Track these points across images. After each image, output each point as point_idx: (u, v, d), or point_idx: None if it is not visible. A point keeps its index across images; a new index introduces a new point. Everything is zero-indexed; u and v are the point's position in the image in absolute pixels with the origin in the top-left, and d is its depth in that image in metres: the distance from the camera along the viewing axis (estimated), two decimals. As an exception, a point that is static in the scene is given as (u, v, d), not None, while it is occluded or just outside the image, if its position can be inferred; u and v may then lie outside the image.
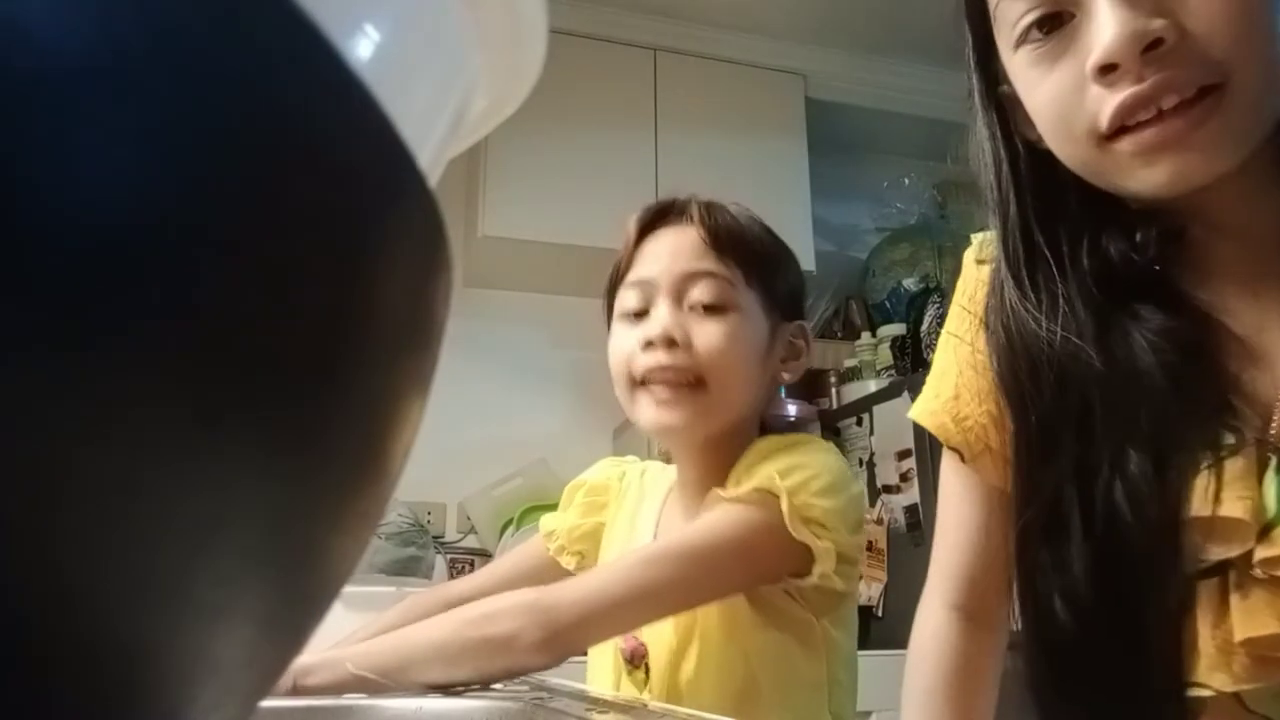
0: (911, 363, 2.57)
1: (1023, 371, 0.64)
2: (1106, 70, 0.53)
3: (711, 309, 0.87)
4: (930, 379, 0.77)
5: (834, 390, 2.72)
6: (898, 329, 2.70)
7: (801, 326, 0.95)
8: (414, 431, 0.18)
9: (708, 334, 0.86)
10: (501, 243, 2.48)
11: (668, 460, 1.03)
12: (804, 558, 0.80)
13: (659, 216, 0.94)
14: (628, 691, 0.88)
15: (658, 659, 0.87)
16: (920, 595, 0.80)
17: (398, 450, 0.17)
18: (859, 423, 2.50)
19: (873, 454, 2.40)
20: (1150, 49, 0.52)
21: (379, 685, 0.75)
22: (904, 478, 2.29)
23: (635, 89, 2.68)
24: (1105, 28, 0.53)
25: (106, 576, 0.12)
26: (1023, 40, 0.59)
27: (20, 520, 0.11)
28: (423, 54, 0.20)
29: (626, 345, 0.89)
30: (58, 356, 0.11)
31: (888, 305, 2.86)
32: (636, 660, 0.88)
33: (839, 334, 2.93)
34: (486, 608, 0.78)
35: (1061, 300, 0.62)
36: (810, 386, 2.77)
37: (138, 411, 0.12)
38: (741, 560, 0.81)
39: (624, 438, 2.57)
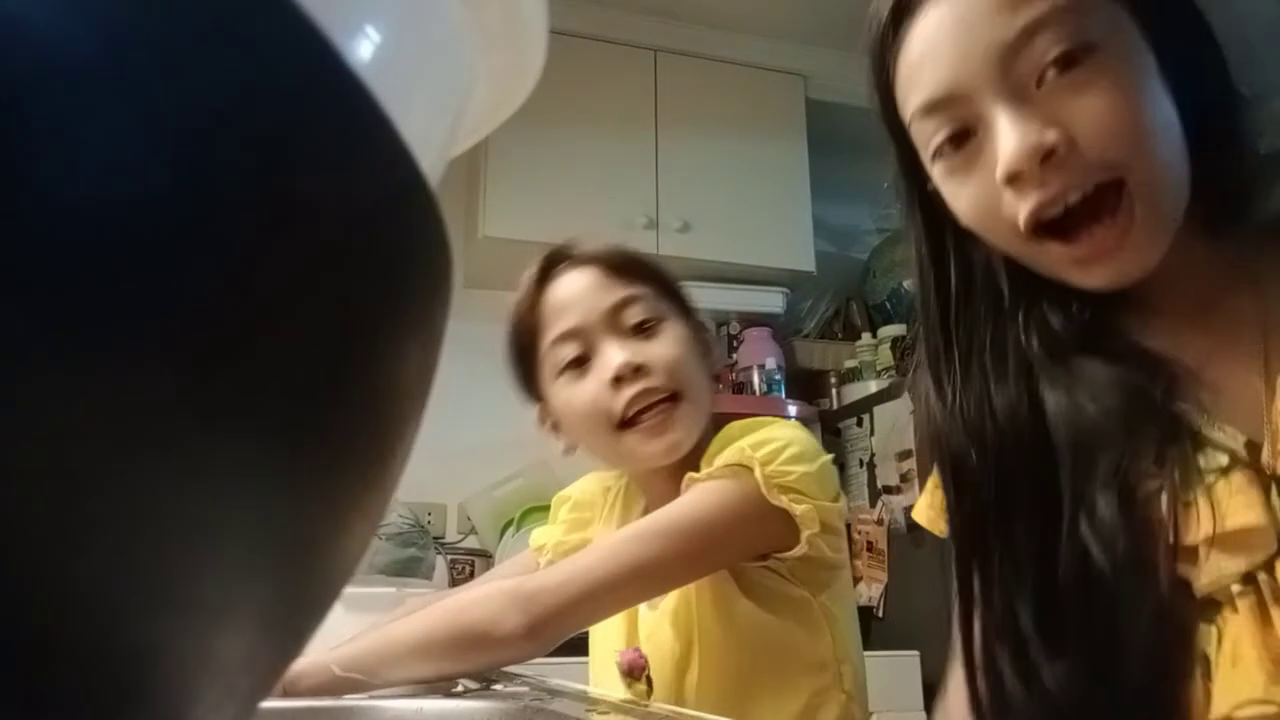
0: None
1: (953, 459, 0.68)
2: (1013, 179, 0.59)
3: (646, 326, 0.90)
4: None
5: (834, 391, 2.72)
6: (898, 330, 2.70)
7: (701, 323, 0.99)
8: (415, 431, 0.18)
9: (661, 349, 0.89)
10: (502, 243, 2.48)
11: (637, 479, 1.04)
12: (787, 527, 0.81)
13: (549, 268, 0.95)
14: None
15: (660, 671, 0.86)
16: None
17: (398, 450, 0.17)
18: (859, 423, 2.50)
19: (873, 455, 2.40)
20: (1046, 159, 0.58)
21: (367, 685, 0.75)
22: (904, 478, 2.29)
23: (636, 90, 2.68)
24: (1005, 144, 0.59)
25: (107, 577, 0.12)
26: (937, 155, 0.64)
27: (20, 521, 0.11)
28: (423, 55, 0.20)
29: (587, 393, 0.89)
30: (58, 356, 0.11)
31: (888, 306, 2.86)
32: (636, 673, 0.88)
33: (839, 335, 2.93)
34: (466, 597, 0.78)
35: (990, 381, 0.66)
36: (811, 387, 2.77)
37: (138, 411, 0.12)
38: (722, 533, 0.81)
39: (624, 438, 2.57)
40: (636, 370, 0.86)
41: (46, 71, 0.11)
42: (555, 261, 0.95)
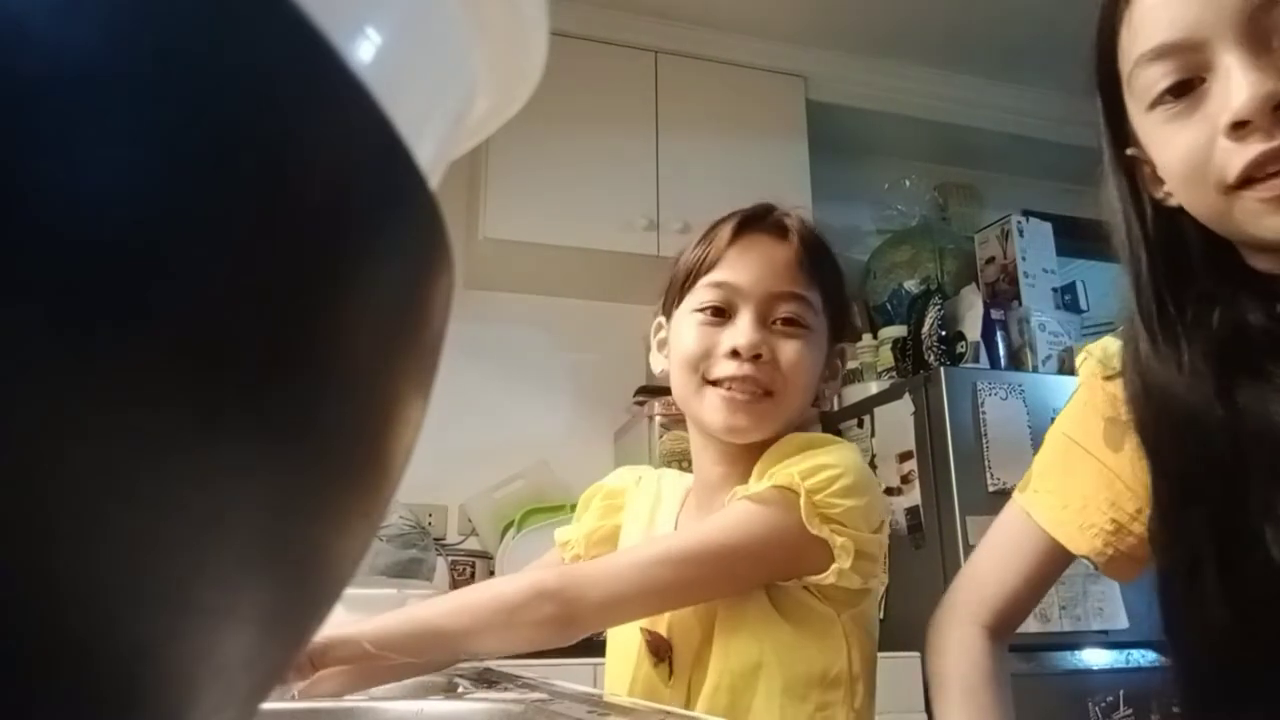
0: (913, 364, 2.57)
1: (1157, 423, 0.68)
2: (1239, 126, 0.58)
3: (791, 326, 0.91)
4: (1053, 482, 0.83)
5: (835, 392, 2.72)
6: (899, 331, 2.70)
7: (843, 349, 1.00)
8: (415, 433, 0.18)
9: (788, 351, 0.90)
10: (503, 245, 2.48)
11: (682, 467, 1.04)
12: (823, 555, 0.82)
13: (756, 221, 0.96)
14: (648, 678, 0.89)
15: (682, 658, 0.87)
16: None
17: (399, 451, 0.17)
18: (860, 424, 2.50)
19: (873, 456, 2.40)
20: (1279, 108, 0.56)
21: (391, 662, 0.78)
22: (905, 479, 2.29)
23: (636, 91, 2.69)
24: (1239, 89, 0.57)
25: (106, 577, 0.12)
26: (1157, 103, 0.63)
27: (19, 520, 0.11)
28: (424, 56, 0.20)
29: (705, 344, 0.91)
30: (59, 357, 0.11)
31: (889, 307, 2.86)
32: (661, 654, 0.89)
33: (840, 336, 2.93)
34: (514, 595, 0.80)
35: (1187, 359, 0.65)
36: (811, 388, 2.77)
37: (138, 411, 0.12)
38: (758, 560, 0.83)
39: (625, 439, 2.57)
40: (755, 357, 0.88)
41: (47, 73, 0.11)
42: (764, 218, 0.96)
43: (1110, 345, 0.79)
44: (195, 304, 0.12)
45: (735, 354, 0.88)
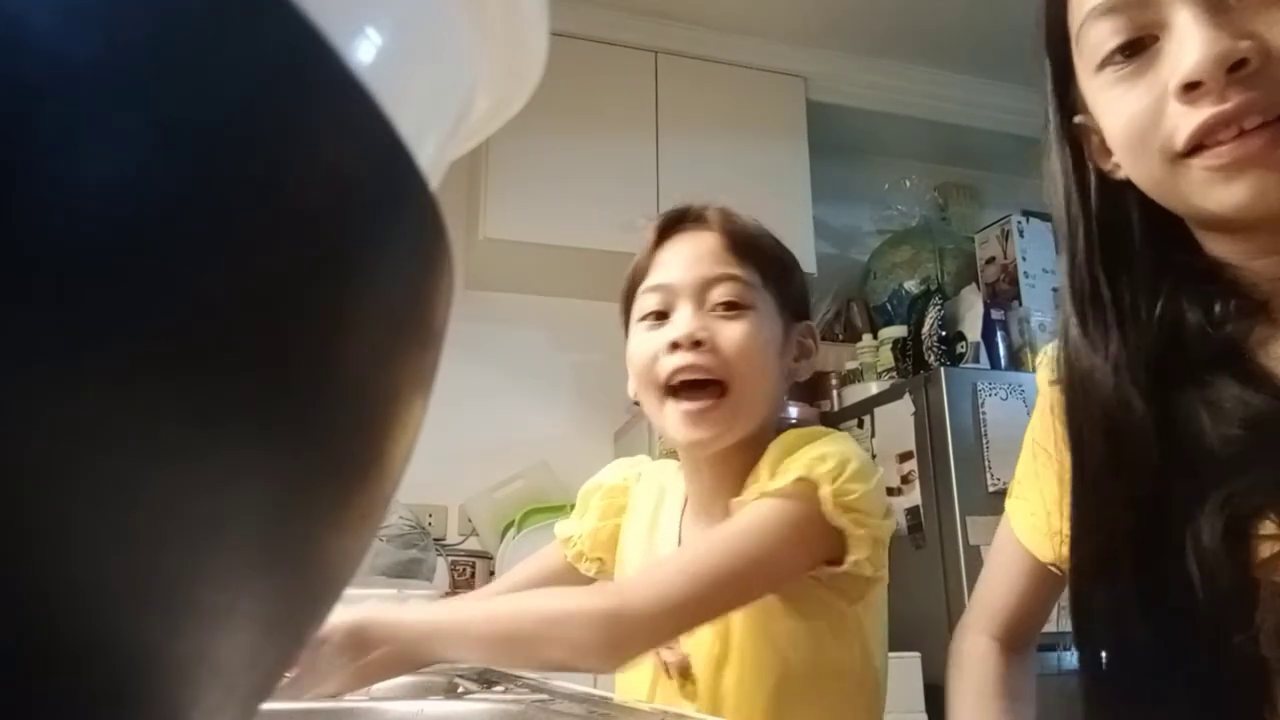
0: (913, 365, 2.57)
1: (1082, 413, 0.65)
2: (1190, 88, 0.54)
3: (732, 309, 0.89)
4: (1025, 488, 0.82)
5: (835, 392, 2.72)
6: (899, 331, 2.70)
7: (810, 327, 0.98)
8: (415, 433, 0.18)
9: (730, 332, 0.88)
10: (503, 245, 2.48)
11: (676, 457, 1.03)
12: (837, 545, 0.80)
13: (676, 222, 0.96)
14: (666, 698, 0.88)
15: (702, 670, 0.86)
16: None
17: (398, 452, 0.17)
18: (860, 425, 2.50)
19: (874, 456, 2.40)
20: (1235, 69, 0.53)
21: (425, 662, 0.78)
22: (905, 480, 2.29)
23: (637, 91, 2.69)
24: (1191, 48, 0.53)
25: (106, 578, 0.12)
26: (1105, 63, 0.59)
27: (19, 521, 0.11)
28: (424, 56, 0.20)
29: (650, 348, 0.90)
30: (58, 357, 0.11)
31: (889, 307, 2.86)
32: (685, 673, 0.87)
33: (840, 336, 2.93)
34: (561, 610, 0.77)
35: (1119, 352, 0.62)
36: (812, 388, 2.77)
37: (138, 412, 0.12)
38: (790, 556, 0.81)
39: (625, 439, 2.57)
40: (696, 344, 0.87)
41: (48, 74, 0.11)
42: (683, 218, 0.96)
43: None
44: (195, 305, 0.12)
45: (676, 347, 0.87)
